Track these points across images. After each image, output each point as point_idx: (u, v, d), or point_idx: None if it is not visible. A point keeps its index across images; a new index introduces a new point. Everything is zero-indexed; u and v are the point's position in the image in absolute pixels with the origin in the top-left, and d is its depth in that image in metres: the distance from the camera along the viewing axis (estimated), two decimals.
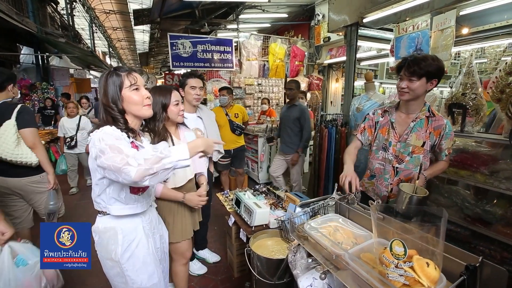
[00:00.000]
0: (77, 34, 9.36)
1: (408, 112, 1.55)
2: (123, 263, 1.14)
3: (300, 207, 1.63)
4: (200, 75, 2.10)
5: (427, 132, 1.50)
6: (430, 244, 0.70)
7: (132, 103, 1.12)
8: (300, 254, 1.08)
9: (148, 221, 1.28)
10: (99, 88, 1.14)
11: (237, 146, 3.58)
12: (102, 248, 1.15)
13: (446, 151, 1.52)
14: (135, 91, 1.12)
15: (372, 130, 1.68)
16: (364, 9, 2.67)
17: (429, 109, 1.52)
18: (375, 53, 4.67)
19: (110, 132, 1.02)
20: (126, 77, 1.10)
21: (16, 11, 5.42)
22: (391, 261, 0.70)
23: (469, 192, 1.93)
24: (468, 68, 1.85)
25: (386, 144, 1.60)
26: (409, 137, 1.52)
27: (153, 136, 1.46)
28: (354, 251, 0.87)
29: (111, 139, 0.98)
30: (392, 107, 1.64)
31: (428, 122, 1.51)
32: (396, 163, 1.57)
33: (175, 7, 4.87)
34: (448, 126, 1.49)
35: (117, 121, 1.09)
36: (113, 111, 1.09)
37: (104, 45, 15.99)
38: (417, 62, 1.37)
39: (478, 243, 1.82)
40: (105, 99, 1.09)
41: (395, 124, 1.58)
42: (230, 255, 2.37)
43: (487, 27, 3.03)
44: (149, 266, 1.22)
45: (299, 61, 6.00)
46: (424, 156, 1.52)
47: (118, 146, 0.96)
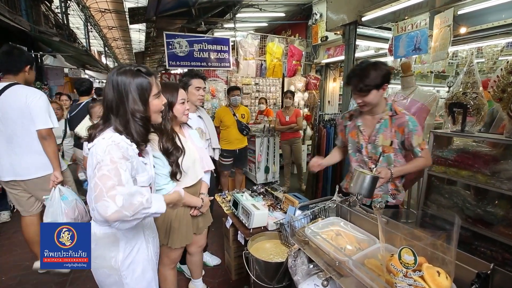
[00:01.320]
0: (72, 33, 9.23)
1: (373, 114, 1.59)
2: (122, 270, 1.08)
3: (300, 209, 1.60)
4: (203, 76, 2.07)
5: (392, 131, 1.53)
6: (439, 251, 0.67)
7: (154, 112, 1.05)
8: (301, 260, 1.04)
9: (148, 225, 1.23)
10: (116, 86, 0.96)
11: (241, 146, 3.57)
12: (98, 255, 1.07)
13: (418, 147, 1.52)
14: (158, 98, 1.05)
15: (344, 134, 1.74)
16: (363, 7, 2.64)
17: (391, 107, 1.56)
18: (372, 53, 4.65)
19: (118, 143, 0.93)
20: (154, 82, 1.02)
21: (8, 9, 5.31)
22: (400, 270, 0.66)
23: (470, 193, 1.91)
24: (469, 67, 1.82)
25: (358, 147, 1.65)
26: (377, 138, 1.56)
27: (160, 135, 1.40)
28: (358, 258, 0.83)
29: (117, 155, 0.90)
30: (357, 111, 1.67)
31: (391, 121, 1.54)
32: (371, 164, 1.59)
33: (171, 6, 4.79)
34: (411, 122, 1.50)
35: (138, 129, 0.99)
36: (137, 118, 0.99)
37: (99, 44, 15.81)
38: (362, 80, 1.41)
39: (479, 244, 1.80)
40: (134, 103, 0.97)
41: (361, 127, 1.62)
42: (228, 258, 2.32)
43: (484, 27, 3.02)
44: (147, 273, 1.17)
45: (297, 60, 5.96)
46: (395, 154, 1.56)
47: (119, 168, 0.87)
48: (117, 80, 0.96)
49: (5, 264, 2.47)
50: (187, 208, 1.57)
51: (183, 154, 1.43)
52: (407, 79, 2.38)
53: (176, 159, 1.39)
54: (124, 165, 0.90)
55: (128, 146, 0.96)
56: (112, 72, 0.99)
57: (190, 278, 2.08)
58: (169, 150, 1.37)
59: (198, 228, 1.69)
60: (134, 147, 1.01)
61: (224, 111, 3.52)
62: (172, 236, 1.51)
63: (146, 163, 1.14)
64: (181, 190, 1.45)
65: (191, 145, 1.58)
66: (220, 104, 4.97)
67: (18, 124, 1.90)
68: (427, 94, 2.27)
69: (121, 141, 0.95)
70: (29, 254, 2.60)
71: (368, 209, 1.20)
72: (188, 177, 1.51)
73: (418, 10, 2.48)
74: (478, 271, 0.66)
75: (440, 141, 2.06)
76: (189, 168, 1.50)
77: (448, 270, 0.64)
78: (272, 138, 4.40)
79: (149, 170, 1.13)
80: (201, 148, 1.70)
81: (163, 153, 1.37)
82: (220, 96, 5.18)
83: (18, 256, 2.59)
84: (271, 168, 4.51)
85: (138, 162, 1.05)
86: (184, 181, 1.49)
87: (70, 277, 2.26)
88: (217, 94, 5.17)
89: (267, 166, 4.47)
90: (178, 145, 1.43)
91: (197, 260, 1.91)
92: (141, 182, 1.06)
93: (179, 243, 1.53)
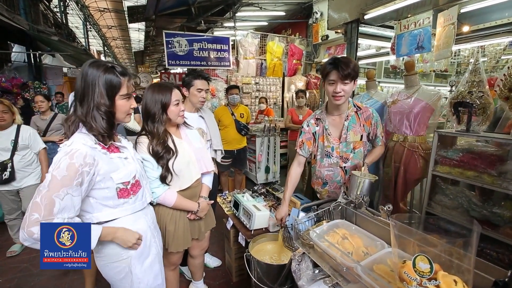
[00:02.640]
0: (71, 32, 9.17)
1: (340, 113, 1.62)
2: (133, 263, 1.11)
3: (302, 210, 1.56)
4: (207, 77, 1.97)
5: (361, 125, 1.61)
6: (454, 258, 0.63)
7: (121, 112, 1.06)
8: (305, 264, 1.01)
9: (151, 220, 1.25)
10: (86, 77, 0.98)
11: (240, 147, 3.51)
12: (109, 251, 1.08)
13: (380, 136, 1.66)
14: (126, 100, 1.06)
15: (311, 142, 1.71)
16: (365, 5, 2.61)
17: (354, 103, 1.62)
18: (374, 52, 4.62)
19: (74, 153, 0.92)
20: (126, 83, 1.04)
21: (6, 8, 5.26)
22: (414, 278, 0.62)
23: (475, 194, 1.87)
24: (475, 66, 1.78)
25: (328, 150, 1.66)
26: (348, 136, 1.60)
27: (151, 138, 1.36)
28: (366, 263, 0.80)
29: (67, 170, 0.90)
30: (322, 113, 1.68)
31: (358, 116, 1.61)
32: (342, 163, 1.65)
33: (170, 4, 4.76)
34: (375, 114, 1.63)
35: (99, 122, 0.99)
36: (102, 111, 1.00)
37: (99, 43, 15.75)
38: (348, 65, 1.40)
39: (485, 246, 1.76)
40: (100, 96, 0.98)
41: (329, 129, 1.64)
42: (229, 259, 2.29)
43: (487, 25, 2.99)
44: (154, 266, 1.21)
45: (297, 59, 5.93)
46: (364, 147, 1.65)
47: (54, 196, 0.88)
48: (87, 71, 0.98)
49: (3, 266, 2.44)
50: (184, 211, 1.51)
51: (175, 156, 1.39)
52: (410, 78, 2.34)
53: (166, 162, 1.35)
54: (67, 190, 0.90)
55: (88, 152, 0.95)
56: (86, 63, 1.01)
57: (190, 279, 2.05)
58: (159, 153, 1.34)
59: (200, 232, 1.63)
60: (99, 148, 1.00)
61: (222, 111, 3.46)
62: (168, 240, 1.46)
63: (127, 157, 1.11)
64: (173, 195, 1.42)
65: (187, 147, 1.52)
66: (220, 103, 4.93)
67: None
68: (431, 93, 2.23)
69: (81, 147, 0.94)
70: (27, 256, 2.57)
71: (374, 211, 1.16)
72: (181, 180, 1.45)
73: (421, 8, 2.45)
74: (496, 279, 0.63)
75: (444, 141, 2.03)
76: (182, 170, 1.44)
77: (466, 278, 0.61)
78: (273, 138, 4.36)
79: (130, 164, 1.11)
80: (199, 148, 1.62)
81: (153, 156, 1.34)
82: (220, 96, 5.14)
83: (16, 257, 2.55)
84: (272, 168, 4.47)
85: (110, 161, 1.03)
86: (178, 183, 1.45)
87: (69, 279, 2.23)
88: (217, 93, 5.13)
89: (267, 166, 4.43)
90: (170, 147, 1.39)
91: (199, 263, 1.87)
92: (119, 179, 1.04)
93: (175, 247, 1.48)
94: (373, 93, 2.79)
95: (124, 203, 1.09)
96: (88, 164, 0.94)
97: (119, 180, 1.04)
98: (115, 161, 1.05)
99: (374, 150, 1.68)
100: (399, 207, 2.41)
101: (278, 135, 4.42)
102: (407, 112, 2.27)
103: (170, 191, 1.41)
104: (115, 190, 1.04)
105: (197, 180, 1.56)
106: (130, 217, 1.11)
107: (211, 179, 1.74)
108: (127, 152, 1.13)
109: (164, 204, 1.43)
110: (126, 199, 1.09)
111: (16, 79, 5.97)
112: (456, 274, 0.63)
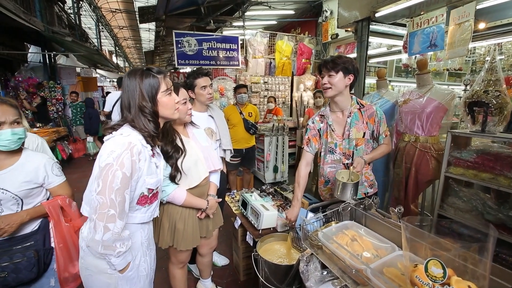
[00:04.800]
0: (84, 33, 9.39)
1: (342, 109, 1.65)
2: (120, 284, 1.05)
3: (311, 211, 1.55)
4: (206, 73, 1.98)
5: (364, 122, 1.62)
6: (469, 263, 0.61)
7: (166, 108, 1.10)
8: (314, 265, 1.00)
9: (146, 237, 1.16)
10: (127, 87, 1.04)
11: (249, 146, 3.52)
12: (94, 261, 1.02)
13: (383, 134, 1.65)
14: (169, 95, 1.10)
15: (317, 138, 1.74)
16: (377, 3, 2.56)
17: (357, 101, 1.64)
18: (384, 50, 4.54)
19: (133, 146, 0.96)
20: (163, 80, 1.08)
21: (23, 10, 5.42)
22: (426, 283, 0.61)
23: (490, 196, 1.81)
24: (491, 64, 1.73)
25: (331, 147, 1.68)
26: (351, 133, 1.62)
27: (160, 137, 1.38)
28: (376, 266, 0.79)
29: (125, 164, 0.93)
30: (326, 110, 1.72)
31: (361, 113, 1.63)
32: (345, 159, 1.66)
33: (180, 4, 4.79)
34: (379, 112, 1.64)
35: (146, 124, 1.04)
36: (146, 113, 1.04)
37: (110, 44, 16.06)
38: (333, 60, 1.53)
39: (500, 250, 1.71)
40: (142, 99, 1.03)
41: (333, 126, 1.67)
42: (236, 258, 2.30)
43: (505, 22, 2.88)
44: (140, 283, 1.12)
45: (306, 58, 5.87)
46: (366, 145, 1.65)
47: (121, 187, 0.92)
48: (127, 82, 1.05)
49: None
50: (193, 209, 1.53)
51: (183, 155, 1.40)
52: (423, 76, 2.29)
53: (175, 162, 1.37)
54: (126, 184, 0.94)
55: (141, 150, 0.99)
56: (125, 74, 1.09)
57: (198, 277, 2.07)
58: (168, 153, 1.35)
59: (208, 231, 1.65)
60: (149, 149, 1.04)
61: (230, 110, 3.48)
62: (177, 238, 1.48)
63: (158, 166, 1.13)
64: (182, 193, 1.43)
65: (194, 145, 1.54)
66: (229, 102, 4.94)
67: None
68: (444, 92, 2.17)
69: (137, 143, 0.98)
70: None
71: (385, 213, 1.14)
72: (190, 178, 1.47)
73: (434, 4, 2.38)
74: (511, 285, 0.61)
75: (457, 142, 1.97)
76: (190, 168, 1.46)
77: (481, 285, 0.59)
78: (281, 137, 4.35)
79: (158, 173, 1.12)
80: (206, 147, 1.64)
81: (163, 155, 1.35)
82: (228, 95, 5.15)
83: None
84: (280, 167, 4.46)
85: (150, 164, 1.05)
86: (186, 182, 1.46)
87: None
88: (225, 92, 5.14)
89: (275, 166, 4.42)
90: (179, 146, 1.40)
91: (208, 261, 1.88)
92: (149, 184, 1.05)
93: (184, 246, 1.49)
94: (383, 92, 2.74)
95: (136, 210, 1.08)
96: (141, 161, 0.99)
97: (149, 186, 1.05)
98: (152, 166, 1.07)
99: (378, 148, 1.68)
100: (410, 209, 2.36)
101: (286, 135, 4.40)
102: (419, 112, 2.22)
103: (180, 189, 1.43)
104: (139, 195, 1.04)
105: (205, 178, 1.57)
106: (131, 227, 1.08)
107: (218, 177, 1.76)
108: (159, 161, 1.15)
109: (173, 202, 1.44)
110: (141, 207, 1.08)
111: (32, 79, 6.16)
112: (470, 280, 0.61)
